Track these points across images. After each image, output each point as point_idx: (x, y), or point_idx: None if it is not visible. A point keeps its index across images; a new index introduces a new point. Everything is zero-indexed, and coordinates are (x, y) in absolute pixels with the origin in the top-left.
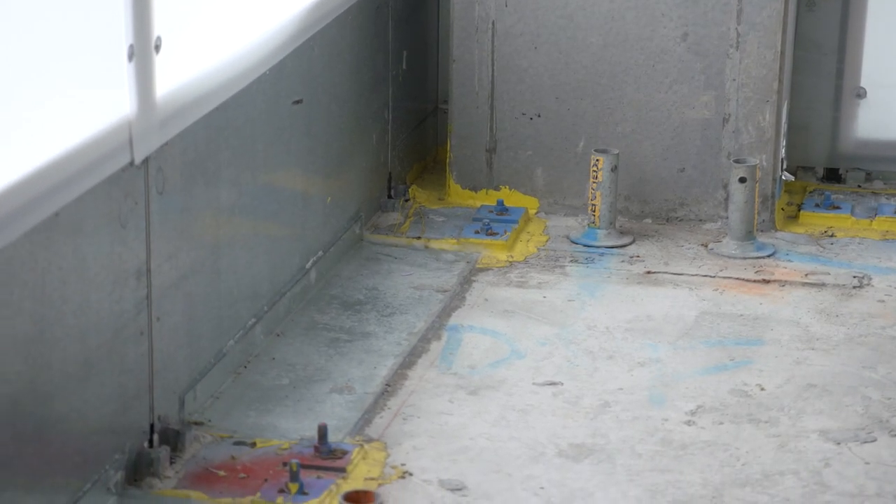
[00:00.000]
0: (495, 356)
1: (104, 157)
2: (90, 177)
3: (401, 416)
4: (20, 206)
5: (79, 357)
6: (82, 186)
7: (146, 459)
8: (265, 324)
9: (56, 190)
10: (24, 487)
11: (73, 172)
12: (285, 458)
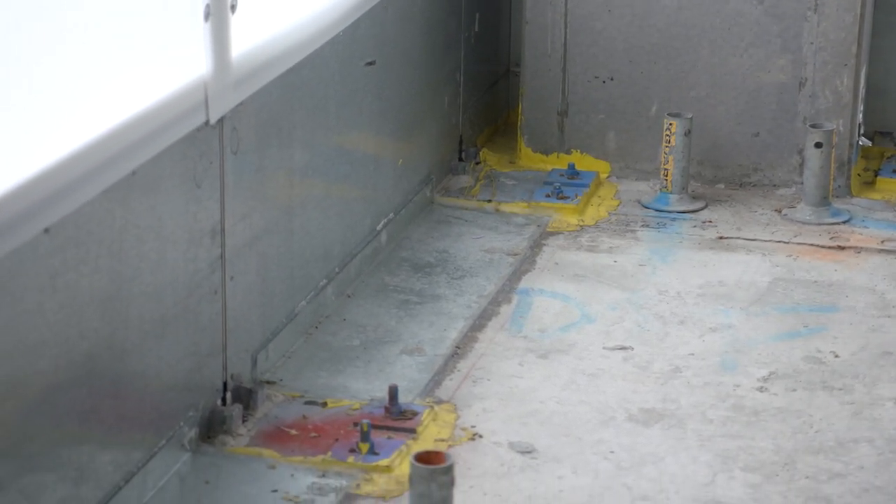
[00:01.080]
0: (565, 320)
1: (180, 117)
2: (166, 136)
3: (471, 379)
4: (98, 165)
5: (155, 315)
6: (159, 145)
7: (219, 417)
8: (336, 285)
9: (133, 149)
10: (101, 442)
11: (150, 131)
12: (356, 419)
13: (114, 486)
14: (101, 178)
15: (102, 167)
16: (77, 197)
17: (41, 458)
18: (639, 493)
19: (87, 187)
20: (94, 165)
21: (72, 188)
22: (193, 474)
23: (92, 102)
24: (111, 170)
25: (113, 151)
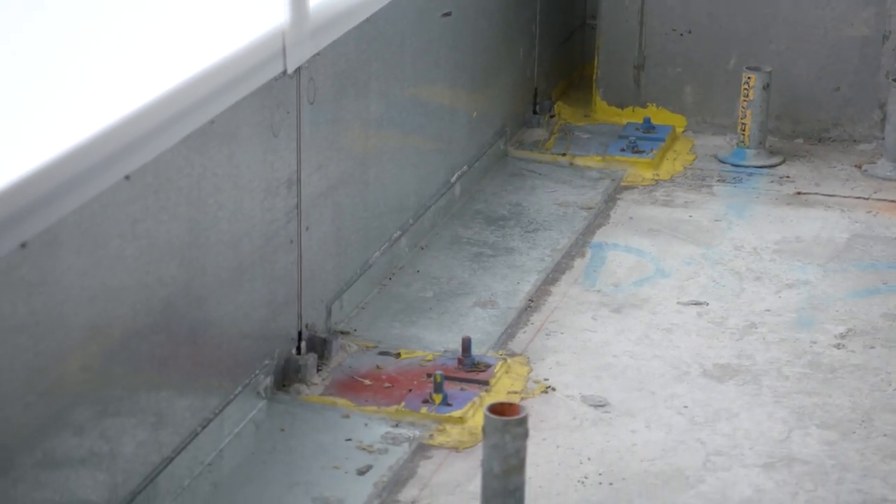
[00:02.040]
0: (639, 274)
1: (258, 66)
2: (244, 85)
3: (544, 332)
4: (177, 113)
5: (232, 263)
6: (237, 95)
7: (294, 366)
8: (410, 236)
9: (211, 98)
10: (179, 388)
11: (228, 81)
12: (429, 370)
13: (191, 431)
14: (180, 126)
15: (181, 116)
16: (157, 145)
17: (121, 402)
18: (713, 448)
19: (166, 135)
20: (173, 114)
21: (152, 136)
22: (268, 422)
23: (172, 52)
24: (190, 118)
25: (192, 100)
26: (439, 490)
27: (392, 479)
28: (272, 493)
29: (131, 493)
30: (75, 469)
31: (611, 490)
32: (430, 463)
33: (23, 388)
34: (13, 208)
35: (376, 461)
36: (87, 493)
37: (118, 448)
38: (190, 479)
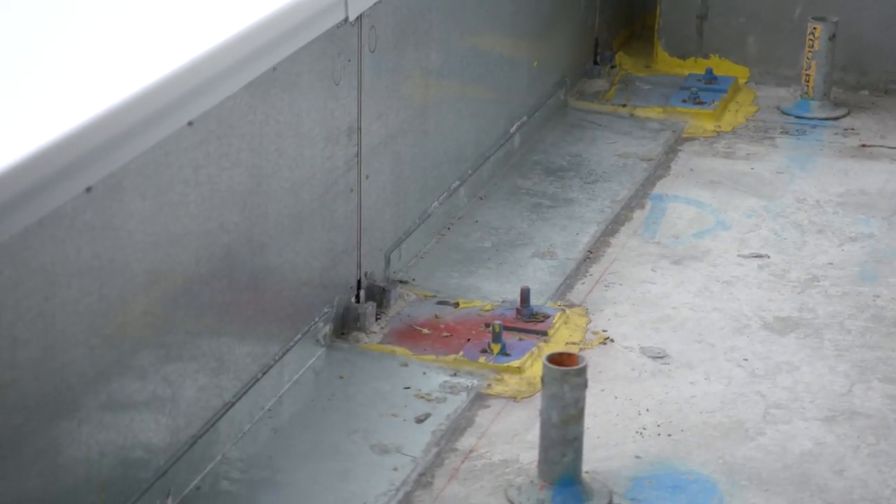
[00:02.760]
0: (700, 226)
1: (320, 14)
2: (306, 33)
3: (602, 283)
4: (240, 60)
5: (292, 210)
6: (298, 42)
7: (353, 314)
8: (469, 186)
9: (274, 45)
10: (239, 335)
11: (290, 28)
12: (488, 320)
13: (252, 377)
14: (242, 73)
15: (244, 62)
16: (220, 91)
17: (182, 347)
18: (773, 401)
19: (229, 82)
20: (236, 60)
21: (215, 82)
22: (328, 369)
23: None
24: (253, 65)
25: (254, 47)
26: (497, 439)
27: (450, 427)
28: (331, 440)
29: (192, 437)
30: (138, 412)
31: (669, 441)
32: (487, 412)
33: (87, 332)
34: (78, 153)
35: (434, 409)
36: (149, 435)
37: (180, 392)
38: (250, 424)
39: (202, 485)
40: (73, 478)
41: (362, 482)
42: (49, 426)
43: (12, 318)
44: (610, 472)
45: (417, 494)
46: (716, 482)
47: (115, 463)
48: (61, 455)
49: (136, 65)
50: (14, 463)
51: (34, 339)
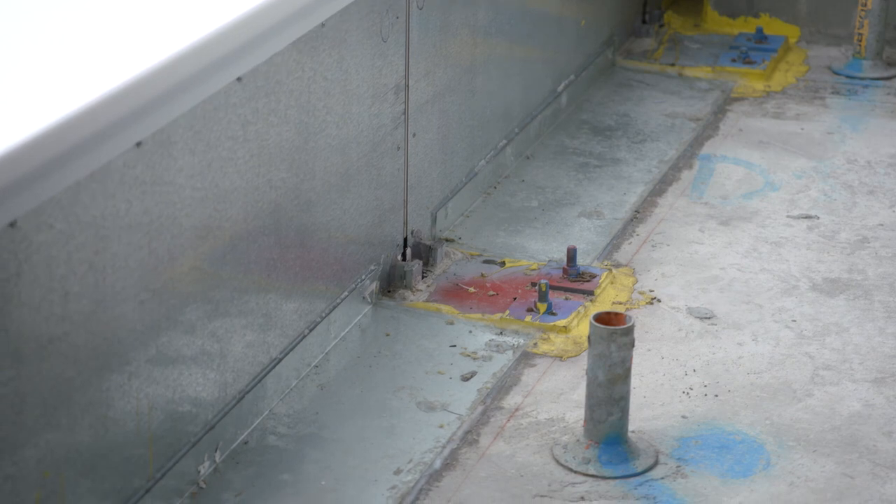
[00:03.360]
0: (748, 187)
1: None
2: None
3: (650, 244)
4: (289, 16)
5: (339, 168)
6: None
7: (399, 272)
8: (516, 145)
9: (323, 0)
10: (286, 291)
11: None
12: (534, 279)
13: (298, 333)
14: (291, 29)
15: (293, 18)
16: (268, 47)
17: (230, 303)
18: (821, 362)
19: (278, 38)
20: (285, 16)
21: (263, 38)
22: (374, 326)
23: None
24: (301, 21)
25: (303, 2)
26: (543, 398)
27: (496, 385)
28: (377, 397)
29: (240, 391)
30: (187, 366)
31: (716, 402)
32: (533, 371)
33: (137, 286)
34: (129, 108)
35: (480, 368)
36: (197, 390)
37: (228, 347)
38: (297, 380)
39: (249, 439)
40: (122, 430)
41: (408, 439)
42: (100, 379)
43: (64, 272)
44: (656, 432)
45: (463, 452)
46: (763, 443)
47: (164, 416)
48: (111, 408)
49: (186, 20)
50: (66, 415)
51: (85, 292)
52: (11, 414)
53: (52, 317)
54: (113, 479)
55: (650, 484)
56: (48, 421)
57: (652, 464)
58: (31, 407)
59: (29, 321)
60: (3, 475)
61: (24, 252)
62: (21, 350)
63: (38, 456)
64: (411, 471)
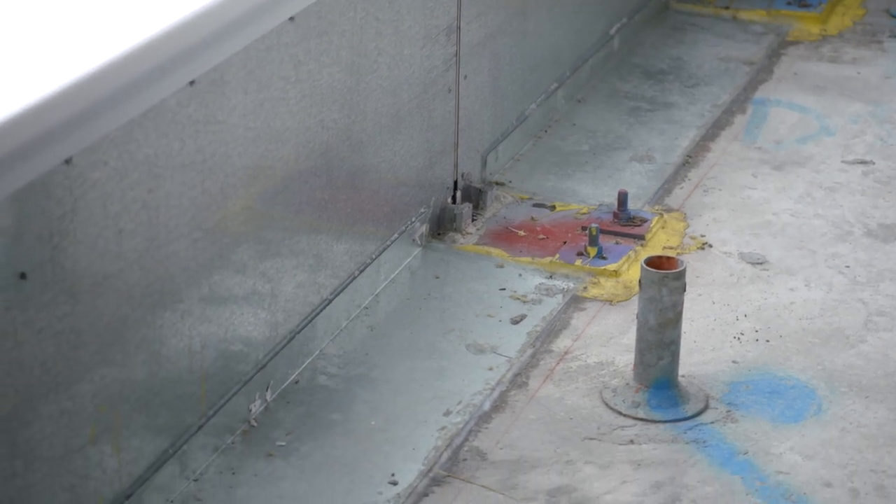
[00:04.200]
0: (803, 132)
1: None
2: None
3: (701, 188)
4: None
5: (391, 109)
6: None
7: (449, 215)
8: (567, 89)
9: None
10: (337, 233)
11: None
12: (584, 223)
13: (349, 275)
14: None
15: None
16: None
17: (281, 244)
18: (875, 308)
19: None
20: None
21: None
22: (424, 269)
23: None
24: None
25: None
26: (592, 341)
27: (546, 329)
28: (427, 338)
29: (291, 332)
30: (238, 306)
31: (767, 347)
32: (583, 315)
33: (190, 224)
34: (183, 46)
35: (530, 311)
36: (248, 329)
37: (279, 288)
38: (347, 321)
39: (300, 379)
40: (176, 368)
41: (458, 380)
42: (153, 316)
43: (118, 209)
44: (706, 377)
45: (512, 394)
46: (814, 388)
47: (216, 355)
48: (165, 345)
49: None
50: (120, 351)
51: (139, 230)
52: (68, 350)
53: (107, 254)
54: (166, 415)
55: (700, 428)
56: (103, 357)
57: (702, 408)
58: (87, 343)
59: (84, 258)
60: (60, 410)
61: (80, 189)
62: (76, 287)
63: (93, 391)
64: (461, 412)
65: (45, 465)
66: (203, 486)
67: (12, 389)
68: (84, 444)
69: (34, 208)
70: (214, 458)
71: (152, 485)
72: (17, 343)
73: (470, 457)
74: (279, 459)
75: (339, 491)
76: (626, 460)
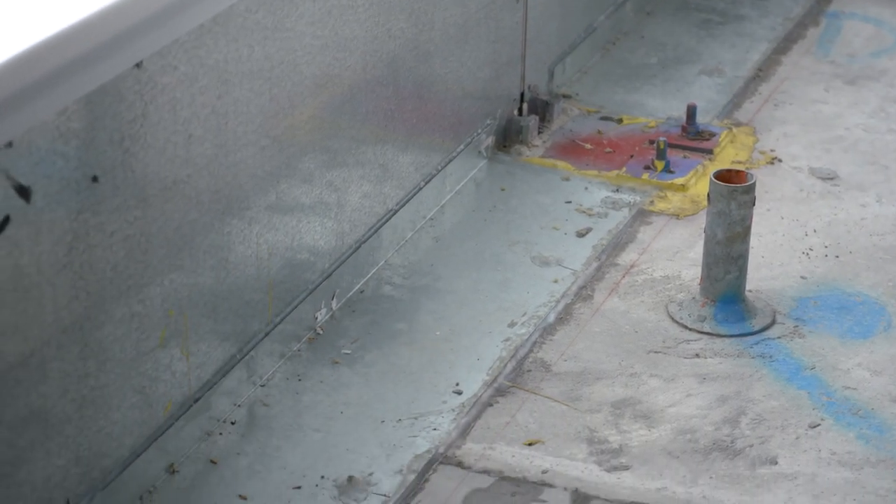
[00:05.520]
0: (878, 45)
1: None
2: None
3: (772, 102)
4: None
5: (458, 19)
6: None
7: (516, 127)
8: (635, 1)
9: None
10: (403, 144)
11: None
12: (652, 136)
13: (414, 186)
14: None
15: None
16: None
17: (347, 153)
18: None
19: None
20: None
21: None
22: (489, 181)
23: None
24: None
25: None
26: (658, 255)
27: (611, 242)
28: (492, 250)
29: (356, 241)
30: (305, 215)
31: (836, 263)
32: (649, 228)
33: (258, 132)
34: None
35: (596, 224)
36: (315, 238)
37: (345, 197)
38: (412, 232)
39: (365, 289)
40: (243, 274)
41: (522, 292)
42: (221, 223)
43: (188, 115)
44: (774, 292)
45: (577, 307)
46: (884, 305)
47: (283, 263)
48: (232, 252)
49: None
50: (189, 256)
51: (208, 136)
52: (138, 253)
53: (177, 159)
54: (234, 321)
55: (766, 343)
56: (172, 262)
57: (769, 323)
58: (156, 247)
59: (154, 163)
60: (131, 312)
61: (150, 93)
62: (146, 191)
63: (163, 295)
64: (525, 324)
65: (117, 366)
66: (270, 391)
67: (84, 292)
68: (154, 347)
69: (105, 112)
70: (281, 364)
71: (220, 389)
72: (90, 246)
73: (534, 368)
74: (345, 367)
75: (403, 399)
76: (691, 374)
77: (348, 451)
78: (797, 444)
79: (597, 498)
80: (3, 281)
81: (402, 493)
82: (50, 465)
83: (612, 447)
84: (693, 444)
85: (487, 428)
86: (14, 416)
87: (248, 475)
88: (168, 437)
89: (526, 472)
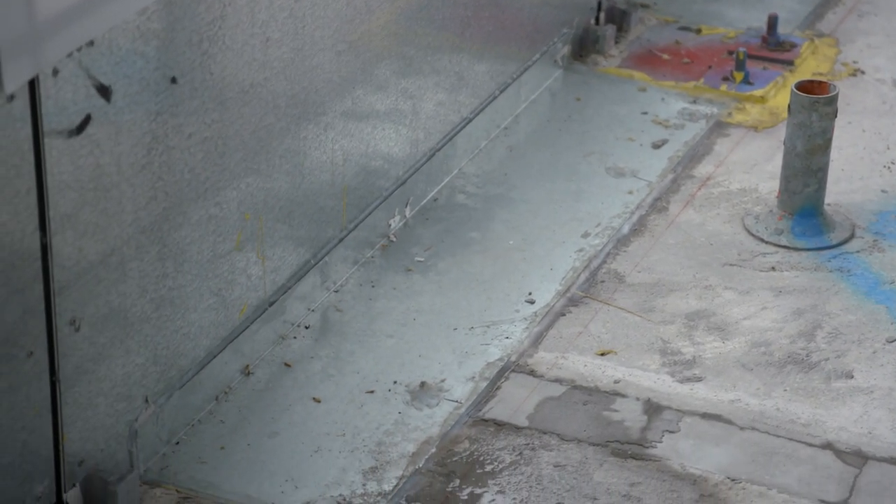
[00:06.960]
0: None
1: None
2: None
3: (856, 13)
4: None
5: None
6: None
7: (592, 36)
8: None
9: None
10: (478, 52)
11: None
12: (731, 47)
13: (489, 94)
14: None
15: None
16: None
17: (423, 61)
18: None
19: None
20: None
21: None
22: (564, 91)
23: None
24: None
25: None
26: (735, 167)
27: (688, 154)
28: (566, 160)
29: (431, 149)
30: (380, 121)
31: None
32: (727, 140)
33: (334, 37)
34: None
35: (672, 136)
36: (389, 145)
37: (420, 105)
38: (486, 140)
39: (439, 197)
40: (318, 180)
41: (597, 203)
42: (297, 127)
43: (265, 17)
44: (853, 206)
45: (652, 218)
46: None
47: (358, 169)
48: (308, 157)
49: None
50: (265, 160)
51: (285, 39)
52: (215, 156)
53: (254, 62)
54: (308, 226)
55: (845, 256)
56: (249, 165)
57: (847, 237)
58: (233, 150)
59: (232, 65)
60: (208, 215)
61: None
62: (224, 94)
63: (239, 198)
64: (599, 234)
65: (194, 267)
66: (343, 297)
67: (163, 193)
68: (230, 249)
69: (185, 13)
70: (354, 270)
71: (294, 293)
72: (168, 147)
73: (608, 279)
74: (417, 274)
75: (476, 307)
76: (767, 287)
77: (421, 358)
78: (874, 358)
79: (669, 408)
80: (85, 180)
81: (475, 400)
82: (129, 363)
83: (686, 359)
84: (767, 356)
85: (560, 337)
86: (95, 314)
87: (321, 378)
88: (243, 339)
89: (598, 381)
